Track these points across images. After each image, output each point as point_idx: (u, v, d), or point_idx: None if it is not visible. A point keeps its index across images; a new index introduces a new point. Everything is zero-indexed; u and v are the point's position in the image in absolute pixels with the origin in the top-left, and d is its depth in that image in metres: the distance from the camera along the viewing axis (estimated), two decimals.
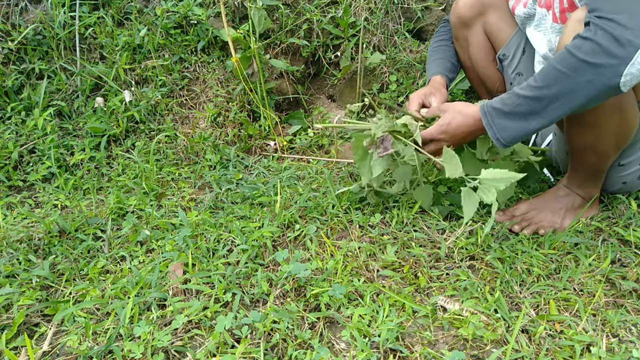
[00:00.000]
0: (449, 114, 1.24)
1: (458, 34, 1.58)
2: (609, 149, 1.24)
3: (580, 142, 1.26)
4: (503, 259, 1.21)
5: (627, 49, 0.93)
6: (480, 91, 1.70)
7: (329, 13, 2.17)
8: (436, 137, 1.26)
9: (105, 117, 1.94)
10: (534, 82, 1.07)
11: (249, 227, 1.34)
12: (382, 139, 1.24)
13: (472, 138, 1.25)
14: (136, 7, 2.10)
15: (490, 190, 1.06)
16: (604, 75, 0.96)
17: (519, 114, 1.10)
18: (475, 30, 1.54)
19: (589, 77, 0.98)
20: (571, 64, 1.00)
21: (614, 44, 0.94)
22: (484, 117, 1.16)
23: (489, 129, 1.15)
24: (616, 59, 0.94)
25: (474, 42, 1.56)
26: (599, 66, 0.96)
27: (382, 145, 1.24)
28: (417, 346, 0.97)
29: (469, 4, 1.51)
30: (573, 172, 1.36)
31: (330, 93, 2.33)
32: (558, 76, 1.02)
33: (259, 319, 0.98)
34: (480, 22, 1.52)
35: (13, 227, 1.45)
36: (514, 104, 1.10)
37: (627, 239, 1.29)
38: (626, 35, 0.93)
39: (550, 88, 1.03)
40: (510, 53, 1.48)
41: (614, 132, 1.19)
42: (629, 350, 0.96)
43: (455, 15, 1.56)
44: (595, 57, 0.96)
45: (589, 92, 1.00)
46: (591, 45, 0.96)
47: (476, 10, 1.51)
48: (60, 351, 0.99)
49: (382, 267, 1.20)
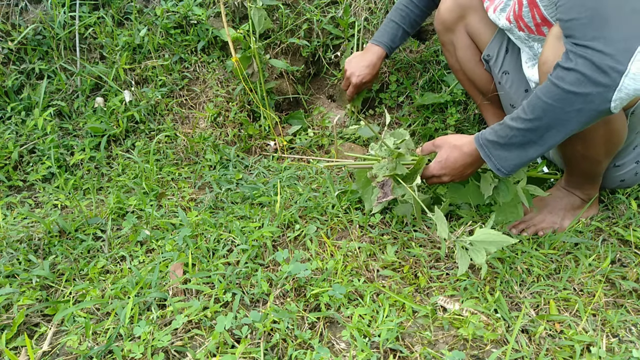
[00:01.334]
0: (444, 150, 1.23)
1: (444, 39, 1.61)
2: (600, 156, 1.23)
3: (572, 151, 1.26)
4: (503, 259, 1.21)
5: (612, 76, 0.91)
6: (472, 92, 1.71)
7: (329, 13, 2.17)
8: (437, 174, 1.25)
9: (105, 117, 1.94)
10: (523, 114, 1.05)
11: (249, 227, 1.34)
12: (383, 184, 1.24)
13: (474, 170, 1.24)
14: (136, 7, 2.10)
15: (480, 252, 1.08)
16: (593, 102, 0.95)
17: (515, 144, 1.09)
18: (459, 34, 1.56)
19: (579, 106, 0.97)
20: (557, 95, 0.98)
21: (597, 72, 0.92)
22: (482, 150, 1.14)
23: (488, 160, 1.14)
24: (602, 87, 0.93)
25: (459, 46, 1.58)
26: (587, 95, 0.95)
27: (382, 190, 1.24)
28: (417, 346, 0.97)
29: (449, 9, 1.53)
30: (569, 175, 1.36)
31: (330, 93, 2.33)
32: (546, 108, 1.01)
33: (259, 319, 0.98)
34: (462, 25, 1.54)
35: (13, 227, 1.45)
36: (508, 135, 1.08)
37: (627, 239, 1.29)
38: (607, 62, 0.91)
39: (541, 120, 1.02)
40: (494, 53, 1.49)
41: (603, 142, 1.19)
42: (629, 350, 0.96)
43: (439, 22, 1.58)
44: (582, 87, 0.95)
45: (581, 119, 0.99)
46: (575, 75, 0.95)
47: (456, 14, 1.53)
48: (60, 351, 0.99)
49: (382, 267, 1.20)
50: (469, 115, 2.01)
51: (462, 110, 2.04)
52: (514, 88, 1.47)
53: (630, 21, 0.91)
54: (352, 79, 1.81)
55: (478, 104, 1.74)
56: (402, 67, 2.17)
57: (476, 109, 1.98)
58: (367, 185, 1.38)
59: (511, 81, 1.47)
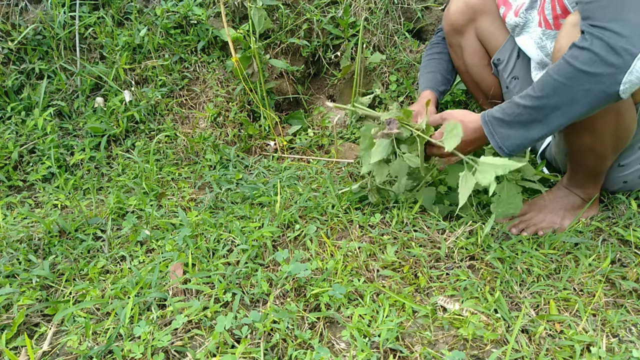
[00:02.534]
0: (450, 121, 1.24)
1: (452, 40, 1.60)
2: (607, 151, 1.24)
3: (579, 145, 1.26)
4: (503, 258, 1.21)
5: (625, 58, 0.93)
6: (476, 94, 1.70)
7: (329, 13, 2.17)
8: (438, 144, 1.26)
9: (105, 117, 1.94)
10: (532, 92, 1.07)
11: (249, 227, 1.34)
12: (389, 121, 1.26)
13: (475, 146, 1.25)
14: (136, 7, 2.10)
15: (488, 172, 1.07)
16: (603, 83, 0.97)
17: (520, 122, 1.10)
18: (468, 37, 1.55)
19: (588, 86, 0.99)
20: (569, 73, 1.00)
21: (610, 53, 0.94)
22: (485, 126, 1.16)
23: (491, 137, 1.15)
24: (614, 68, 0.94)
25: (467, 48, 1.57)
26: (598, 75, 0.96)
27: (388, 126, 1.25)
28: (417, 346, 0.97)
29: (459, 10, 1.52)
30: (572, 173, 1.36)
31: (330, 93, 2.33)
32: (556, 86, 1.02)
33: (259, 319, 0.98)
34: (472, 28, 1.54)
35: (13, 227, 1.45)
36: (515, 113, 1.10)
37: (627, 239, 1.29)
38: (621, 44, 0.93)
39: (550, 98, 1.04)
40: (504, 57, 1.49)
41: (611, 135, 1.19)
42: (629, 350, 0.96)
43: (447, 23, 1.57)
44: (594, 67, 0.96)
45: (589, 100, 1.00)
46: (588, 54, 0.97)
47: (467, 16, 1.52)
48: (60, 351, 0.99)
49: (382, 267, 1.20)
50: None
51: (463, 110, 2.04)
52: None
53: None
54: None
55: (480, 104, 1.73)
56: (402, 67, 2.17)
57: (476, 109, 1.98)
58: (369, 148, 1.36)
59: (520, 87, 1.46)
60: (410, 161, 1.29)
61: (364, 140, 1.37)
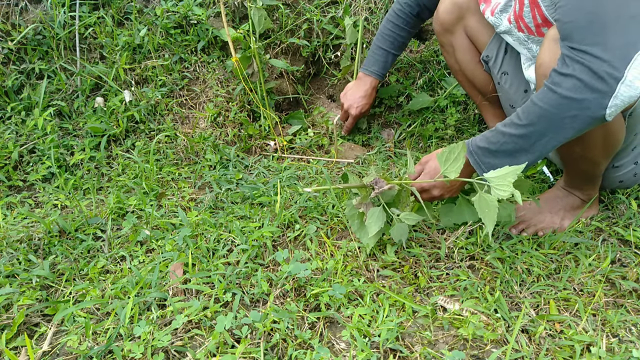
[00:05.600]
0: (431, 161, 1.22)
1: (443, 40, 1.61)
2: (599, 158, 1.23)
3: (570, 153, 1.26)
4: (503, 259, 1.21)
5: (609, 82, 0.91)
6: (472, 94, 1.71)
7: (329, 13, 2.17)
8: (426, 187, 1.23)
9: (105, 117, 1.93)
10: (517, 120, 1.05)
11: (249, 227, 1.34)
12: (375, 181, 1.19)
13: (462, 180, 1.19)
14: (136, 7, 2.09)
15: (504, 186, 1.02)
16: (589, 109, 0.95)
17: (506, 152, 1.08)
18: (458, 35, 1.56)
19: (574, 112, 0.97)
20: (553, 100, 0.98)
21: (594, 79, 0.92)
22: (471, 157, 1.13)
23: (477, 167, 1.12)
24: (599, 93, 0.93)
25: (458, 47, 1.58)
26: (583, 101, 0.95)
27: (376, 186, 1.18)
28: (417, 346, 0.97)
29: (447, 10, 1.53)
30: (568, 176, 1.36)
31: (330, 93, 2.33)
32: (541, 114, 1.00)
33: (259, 319, 0.98)
34: (461, 26, 1.55)
35: (13, 227, 1.45)
36: (500, 142, 1.08)
37: (627, 239, 1.29)
38: (604, 68, 0.91)
39: (535, 125, 1.02)
40: (493, 54, 1.49)
41: (600, 144, 1.18)
42: (629, 350, 0.96)
43: (438, 23, 1.58)
44: (578, 93, 0.94)
45: (575, 125, 0.99)
46: (572, 81, 0.95)
47: (455, 15, 1.53)
48: (60, 351, 0.99)
49: (382, 267, 1.20)
50: (469, 116, 2.01)
51: (462, 110, 2.04)
52: (513, 88, 1.47)
53: (629, 28, 0.91)
54: (351, 111, 1.90)
55: (478, 104, 1.74)
56: (402, 67, 2.17)
57: (476, 109, 1.98)
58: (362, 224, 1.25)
59: (510, 82, 1.47)
60: (409, 220, 1.21)
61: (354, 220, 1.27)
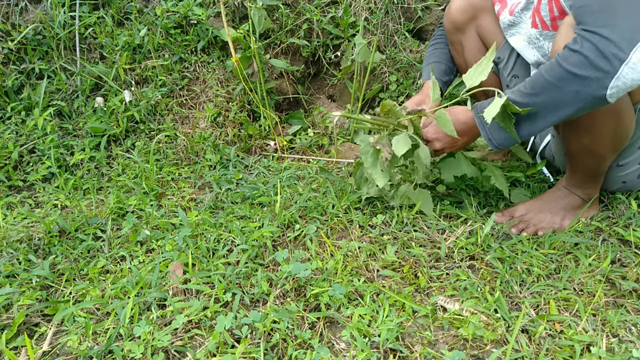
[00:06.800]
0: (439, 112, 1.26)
1: (453, 38, 1.60)
2: (606, 151, 1.24)
3: (577, 145, 1.26)
4: (503, 258, 1.21)
5: (613, 63, 0.95)
6: (477, 94, 1.70)
7: (329, 13, 2.17)
8: (431, 138, 1.29)
9: (105, 117, 1.94)
10: (523, 89, 1.09)
11: (249, 227, 1.34)
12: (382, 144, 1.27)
13: (466, 140, 1.27)
14: (136, 7, 2.09)
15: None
16: (590, 87, 0.99)
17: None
18: (469, 35, 1.56)
19: (576, 88, 1.00)
20: (558, 74, 1.02)
21: (599, 57, 0.96)
22: (477, 119, 1.18)
23: (482, 128, 1.18)
24: (602, 72, 0.96)
25: (468, 46, 1.57)
26: (586, 78, 0.98)
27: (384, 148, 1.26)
28: (417, 346, 0.97)
29: (461, 8, 1.53)
30: (571, 173, 1.36)
31: (330, 93, 2.33)
32: (546, 85, 1.04)
33: (259, 319, 0.98)
34: (474, 26, 1.54)
35: (13, 227, 1.45)
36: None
37: (627, 239, 1.29)
38: (610, 49, 0.94)
39: (539, 96, 1.06)
40: (504, 56, 1.49)
41: (610, 136, 1.20)
42: (629, 350, 0.96)
43: (449, 21, 1.57)
44: (582, 70, 0.98)
45: (576, 102, 1.02)
46: (578, 57, 0.98)
47: (468, 14, 1.52)
48: (60, 351, 0.99)
49: (382, 267, 1.20)
50: None
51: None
52: None
53: (639, 12, 0.94)
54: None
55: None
56: (402, 67, 2.17)
57: None
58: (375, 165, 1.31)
59: None
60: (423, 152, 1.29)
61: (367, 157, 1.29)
